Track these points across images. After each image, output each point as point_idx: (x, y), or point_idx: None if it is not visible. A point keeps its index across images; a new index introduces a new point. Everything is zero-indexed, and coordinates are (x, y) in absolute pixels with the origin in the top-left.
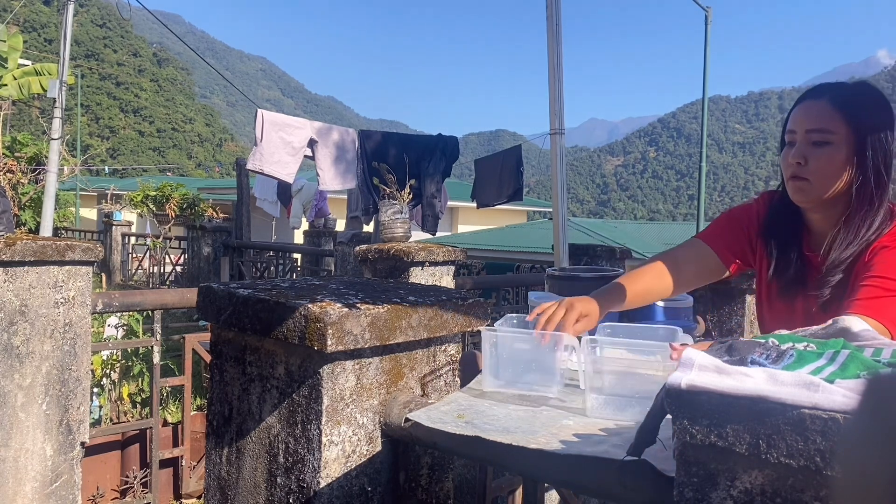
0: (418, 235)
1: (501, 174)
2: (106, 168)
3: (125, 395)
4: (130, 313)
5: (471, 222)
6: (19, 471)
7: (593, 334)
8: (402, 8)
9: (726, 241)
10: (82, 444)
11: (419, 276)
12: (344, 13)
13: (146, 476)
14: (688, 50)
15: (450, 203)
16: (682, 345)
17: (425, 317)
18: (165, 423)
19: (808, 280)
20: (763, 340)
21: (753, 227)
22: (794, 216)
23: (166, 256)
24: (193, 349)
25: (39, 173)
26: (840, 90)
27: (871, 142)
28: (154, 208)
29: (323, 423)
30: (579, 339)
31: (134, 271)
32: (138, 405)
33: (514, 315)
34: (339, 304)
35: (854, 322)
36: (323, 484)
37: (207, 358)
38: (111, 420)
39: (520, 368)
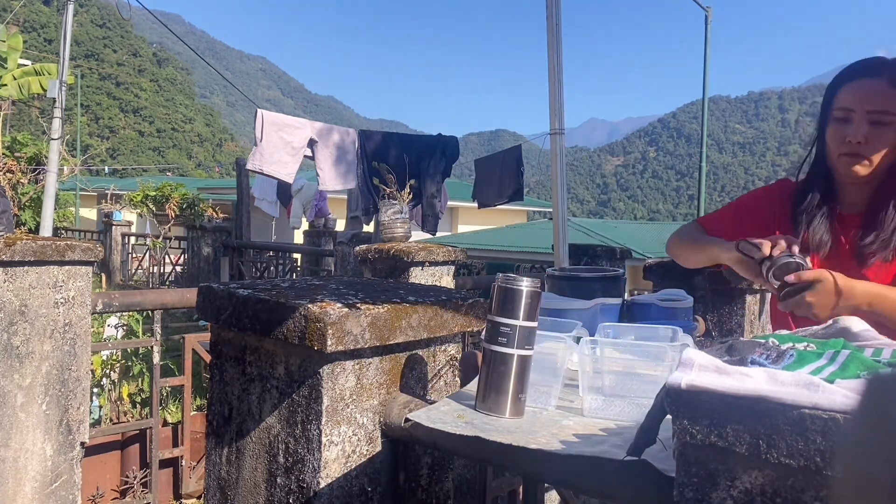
0: (418, 235)
1: (501, 174)
2: (106, 168)
3: (125, 395)
4: (130, 313)
5: (471, 222)
6: (19, 471)
7: (594, 335)
8: (402, 8)
9: (743, 231)
10: (82, 444)
11: (419, 276)
12: (344, 13)
13: (146, 476)
14: (688, 50)
15: (450, 203)
16: (682, 345)
17: (425, 317)
18: (165, 423)
19: (845, 242)
20: (763, 340)
21: (773, 215)
22: (830, 189)
23: (166, 256)
24: (193, 349)
25: (39, 173)
26: (894, 69)
27: None
28: (154, 208)
29: (323, 423)
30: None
31: (134, 271)
32: (138, 405)
33: None
34: (339, 304)
35: (854, 322)
36: (323, 484)
37: (207, 358)
38: (111, 420)
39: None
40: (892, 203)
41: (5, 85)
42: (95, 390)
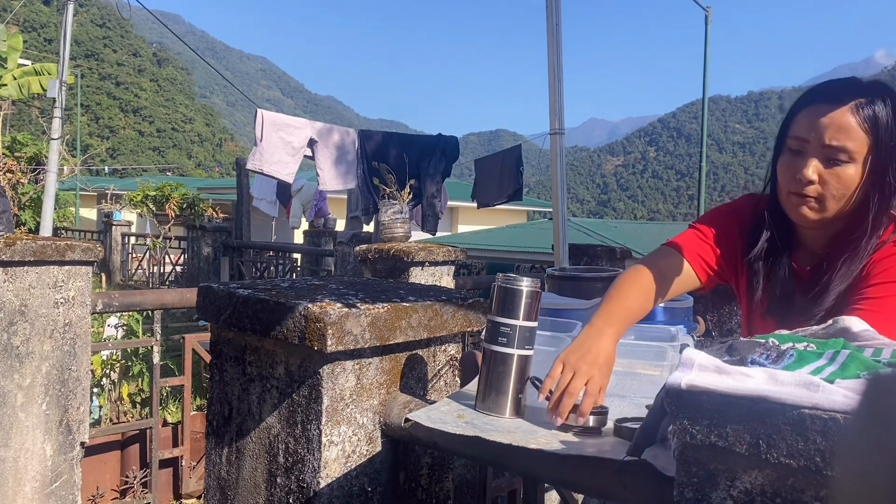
0: (418, 235)
1: (501, 174)
2: (106, 168)
3: (125, 395)
4: (130, 313)
5: (471, 222)
6: (19, 471)
7: None
8: (402, 8)
9: (704, 254)
10: (82, 444)
11: (419, 276)
12: (344, 13)
13: (146, 476)
14: (688, 50)
15: (450, 203)
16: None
17: (425, 317)
18: (165, 423)
19: (797, 295)
20: (763, 340)
21: (736, 238)
22: (785, 228)
23: (166, 256)
24: (193, 349)
25: (39, 173)
26: (863, 96)
27: (893, 160)
28: (154, 208)
29: (323, 423)
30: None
31: (134, 271)
32: (138, 405)
33: None
34: (339, 304)
35: (854, 322)
36: (323, 484)
37: (207, 358)
38: (111, 420)
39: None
40: (841, 267)
41: (5, 85)
42: (95, 390)
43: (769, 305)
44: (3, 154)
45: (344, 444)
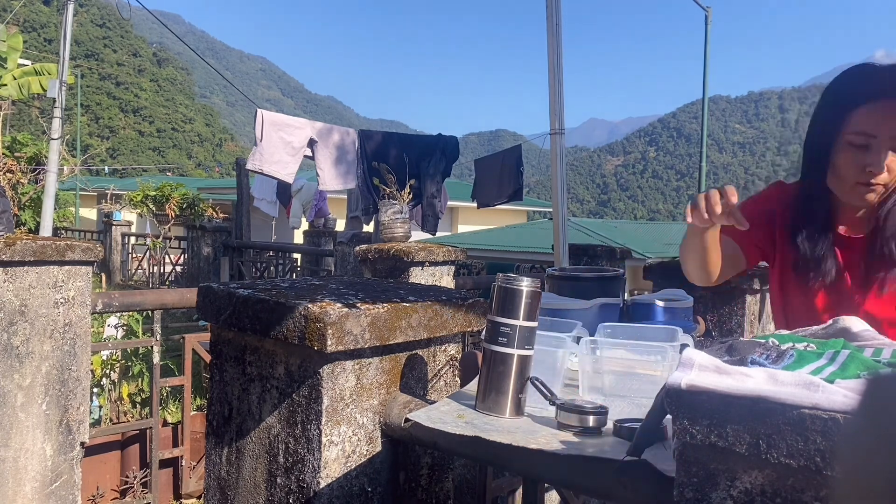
0: (418, 235)
1: (501, 174)
2: (106, 168)
3: (125, 395)
4: (130, 313)
5: (471, 222)
6: (19, 471)
7: (593, 334)
8: (402, 8)
9: (750, 234)
10: (82, 444)
11: (419, 276)
12: (344, 13)
13: (146, 476)
14: (688, 50)
15: (450, 203)
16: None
17: (425, 317)
18: (165, 423)
19: (843, 260)
20: (763, 340)
21: (772, 214)
22: (824, 205)
23: (166, 256)
24: (193, 349)
25: (39, 173)
26: None
27: None
28: (154, 208)
29: (323, 423)
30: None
31: (134, 271)
32: (138, 405)
33: None
34: (339, 304)
35: (854, 322)
36: (323, 484)
37: (207, 358)
38: (111, 420)
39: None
40: (887, 217)
41: (5, 85)
42: (95, 390)
43: (812, 272)
44: (3, 154)
45: (344, 444)
